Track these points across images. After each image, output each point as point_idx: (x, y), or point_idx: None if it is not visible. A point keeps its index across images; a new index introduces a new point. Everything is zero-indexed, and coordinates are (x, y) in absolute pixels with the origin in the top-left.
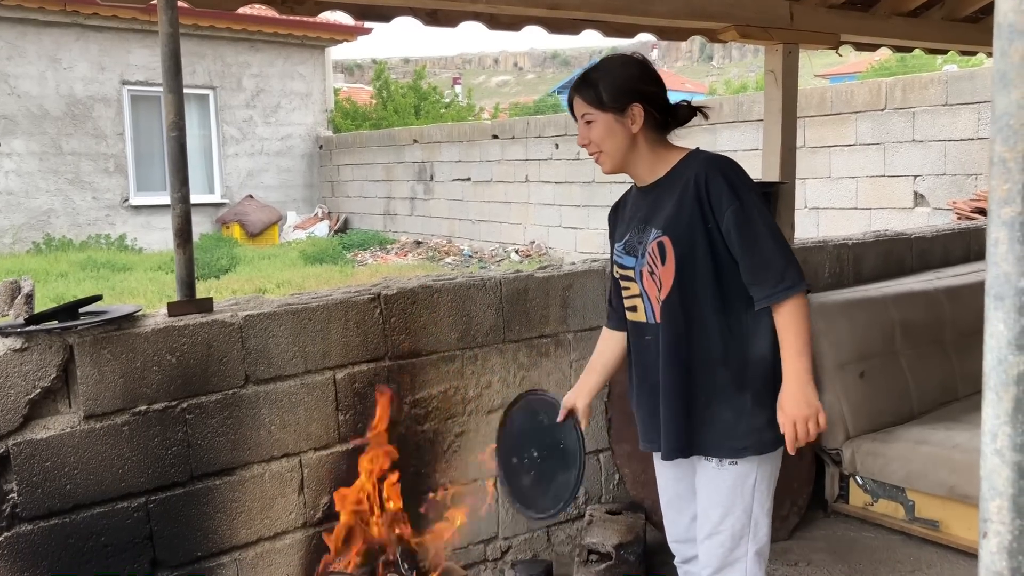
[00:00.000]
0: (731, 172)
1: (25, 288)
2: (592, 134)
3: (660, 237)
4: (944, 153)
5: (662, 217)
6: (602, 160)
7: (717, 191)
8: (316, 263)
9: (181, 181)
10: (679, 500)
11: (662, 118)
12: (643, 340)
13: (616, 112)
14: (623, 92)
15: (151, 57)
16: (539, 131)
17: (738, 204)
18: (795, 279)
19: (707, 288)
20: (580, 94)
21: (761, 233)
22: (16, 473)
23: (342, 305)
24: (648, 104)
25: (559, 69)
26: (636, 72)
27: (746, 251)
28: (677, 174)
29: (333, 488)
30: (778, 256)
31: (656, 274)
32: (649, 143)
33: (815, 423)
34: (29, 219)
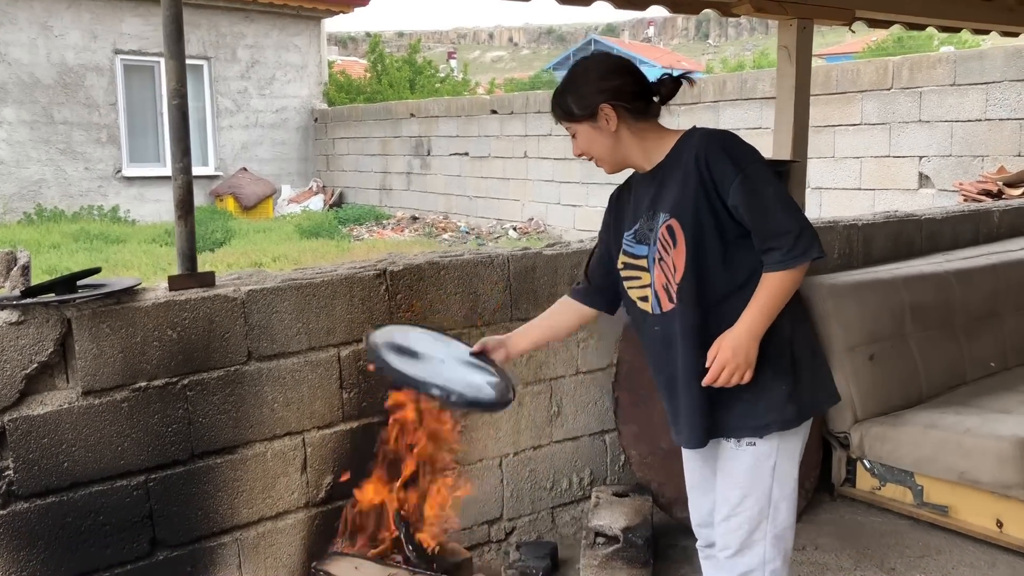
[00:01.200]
0: (731, 144)
1: (21, 260)
2: (580, 145)
3: (669, 221)
4: (951, 134)
5: (669, 199)
6: (601, 165)
7: (720, 166)
8: (312, 237)
9: (183, 151)
10: (704, 483)
11: (638, 105)
12: (652, 330)
13: (589, 119)
14: (587, 97)
15: (144, 26)
16: (539, 106)
17: (742, 175)
18: (807, 245)
19: (719, 267)
20: (555, 112)
21: (770, 200)
22: (12, 450)
23: (347, 281)
24: (616, 99)
25: (554, 45)
26: (595, 73)
27: (757, 220)
28: (676, 155)
29: (336, 467)
30: (790, 221)
31: (667, 260)
32: (634, 133)
33: (739, 376)
34: (20, 189)
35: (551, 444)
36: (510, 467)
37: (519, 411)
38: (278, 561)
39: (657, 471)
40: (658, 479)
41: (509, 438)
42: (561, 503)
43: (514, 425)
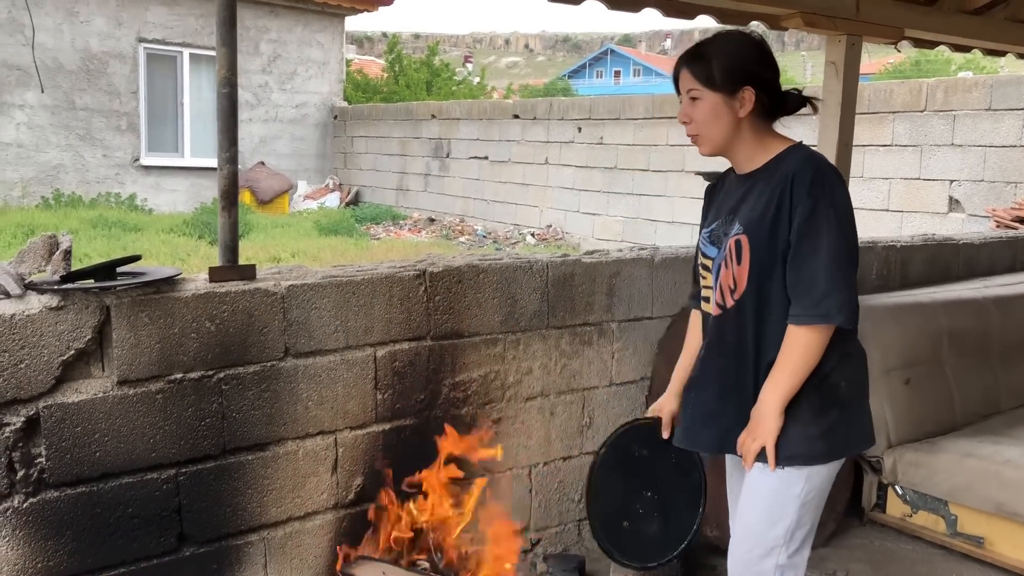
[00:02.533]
0: (820, 175)
1: (63, 244)
2: (696, 113)
3: (739, 235)
4: (984, 159)
5: (747, 213)
6: (700, 142)
7: (799, 191)
8: (330, 234)
9: (231, 141)
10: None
11: (771, 105)
12: (707, 329)
13: (726, 93)
14: (737, 73)
15: (169, 16)
16: (562, 113)
17: (810, 212)
18: (830, 309)
19: (779, 294)
20: (690, 68)
21: (820, 248)
22: (45, 437)
23: (387, 280)
24: (760, 89)
25: (570, 53)
26: (753, 53)
27: (797, 262)
28: (774, 167)
29: (367, 469)
30: (826, 278)
31: (730, 271)
32: (754, 130)
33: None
34: (38, 173)
35: (581, 455)
36: (539, 477)
37: (551, 420)
38: (304, 563)
39: None
40: None
41: (540, 448)
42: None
43: (545, 435)
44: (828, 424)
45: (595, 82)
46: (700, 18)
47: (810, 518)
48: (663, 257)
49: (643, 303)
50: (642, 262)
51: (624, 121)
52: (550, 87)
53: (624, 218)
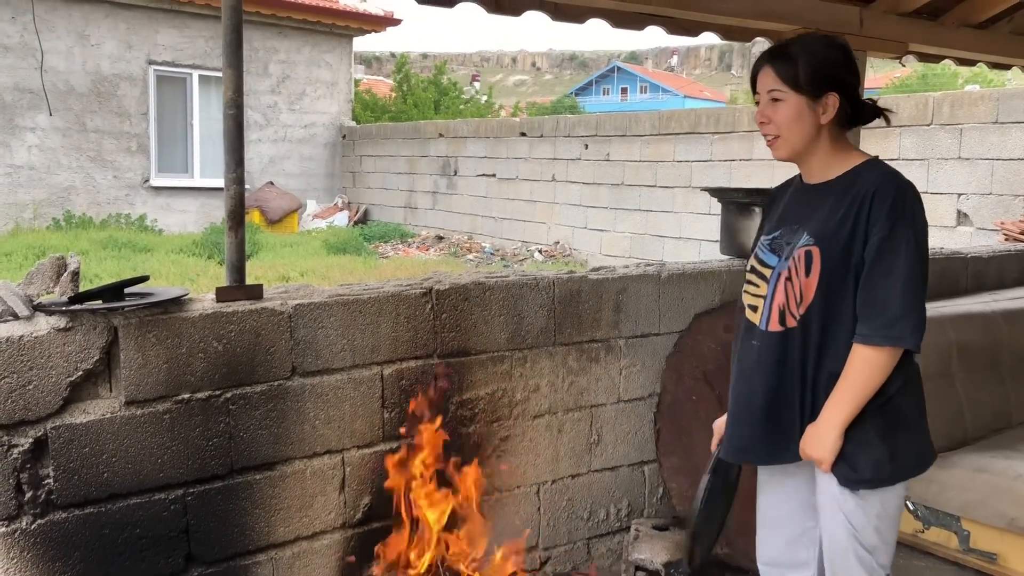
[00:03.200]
0: (902, 195)
1: (71, 265)
2: (777, 114)
3: (810, 246)
4: (991, 172)
5: (819, 224)
6: (778, 144)
7: (878, 210)
8: (339, 253)
9: (237, 161)
10: (779, 520)
11: (853, 114)
12: (750, 343)
13: (810, 96)
14: (823, 77)
15: (179, 38)
16: (568, 130)
17: (889, 232)
18: (903, 332)
19: (848, 311)
20: (774, 67)
21: (897, 269)
22: (53, 458)
23: (393, 298)
24: (844, 95)
25: (577, 71)
26: (840, 57)
27: (871, 281)
28: (849, 181)
29: (374, 488)
30: (901, 301)
31: (795, 283)
32: (832, 138)
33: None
34: (50, 195)
35: (590, 473)
36: (547, 495)
37: (558, 438)
38: None
39: None
40: None
41: (548, 466)
42: (598, 534)
43: (553, 452)
44: (895, 446)
45: (602, 99)
46: (704, 35)
47: (891, 533)
48: (669, 273)
49: (650, 319)
50: (648, 278)
51: (631, 138)
52: (557, 105)
53: (631, 234)
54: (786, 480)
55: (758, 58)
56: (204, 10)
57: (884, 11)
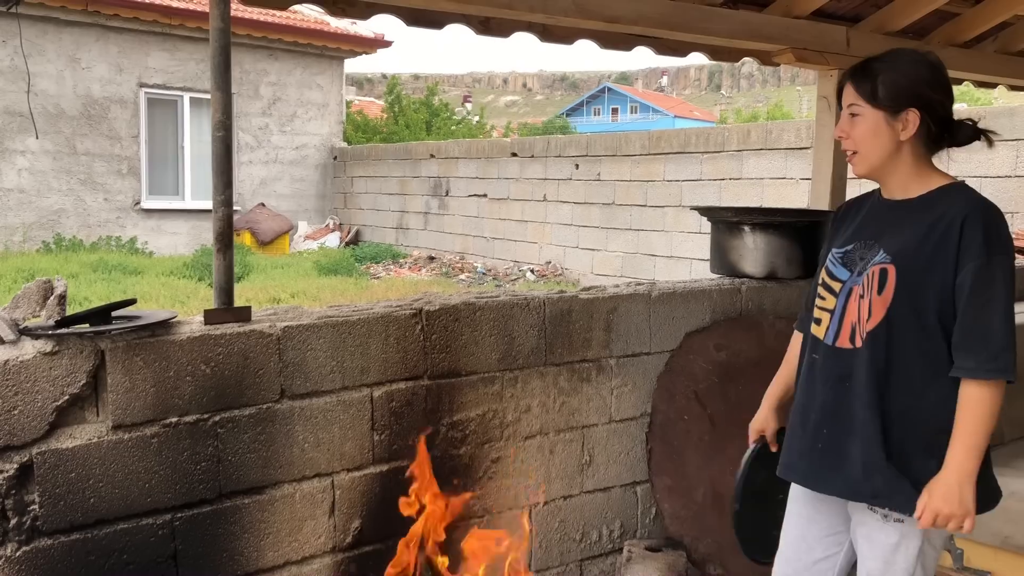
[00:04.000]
0: (994, 224)
1: (58, 289)
2: (854, 129)
3: (886, 264)
4: (980, 190)
5: (897, 242)
6: (856, 161)
7: (970, 238)
8: (330, 274)
9: (225, 183)
10: (802, 541)
11: (937, 132)
12: (812, 357)
13: (889, 112)
14: (903, 92)
15: (170, 60)
16: (559, 150)
17: (984, 260)
18: (1008, 365)
19: (919, 334)
20: (854, 83)
21: (996, 300)
22: (39, 484)
23: (383, 320)
24: (927, 112)
25: (567, 91)
26: (924, 74)
27: (970, 312)
28: (931, 202)
29: (364, 512)
30: (1003, 332)
31: (867, 299)
32: (914, 156)
33: (957, 524)
34: (40, 218)
35: (582, 494)
36: (539, 517)
37: (550, 459)
38: None
39: (691, 526)
40: (692, 534)
41: (539, 487)
42: (590, 556)
43: (545, 474)
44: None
45: (593, 119)
46: (693, 55)
47: (933, 569)
48: (660, 292)
49: (641, 339)
50: (639, 298)
51: (621, 157)
52: (548, 125)
53: (623, 253)
54: (818, 502)
55: (842, 73)
56: (195, 33)
57: (871, 31)
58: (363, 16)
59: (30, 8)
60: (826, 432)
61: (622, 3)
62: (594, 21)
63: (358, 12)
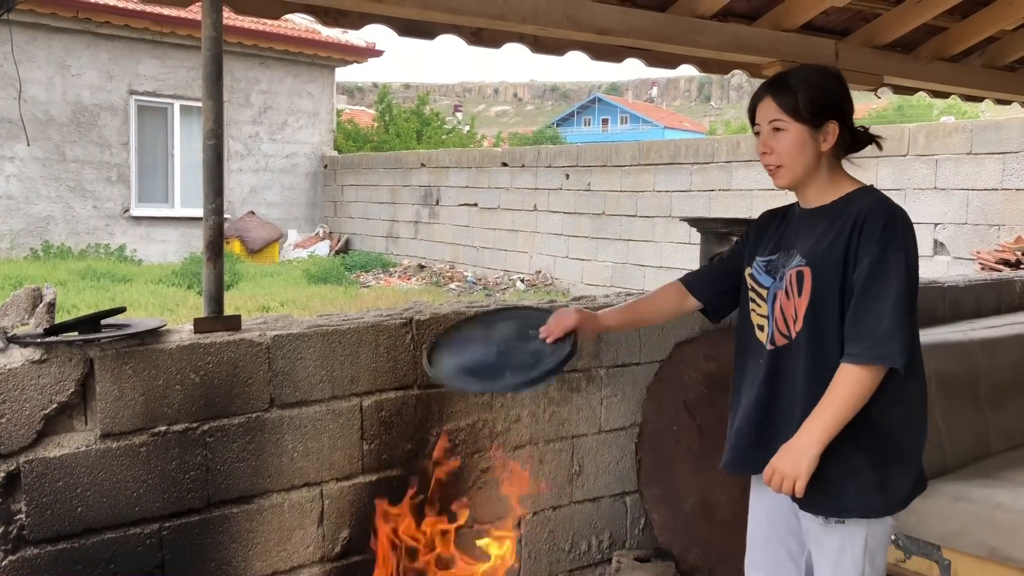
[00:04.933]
0: (893, 220)
1: (47, 296)
2: (779, 144)
3: (801, 267)
4: (967, 202)
5: (810, 246)
6: (780, 174)
7: (869, 233)
8: (320, 283)
9: (216, 192)
10: (766, 543)
11: (849, 141)
12: (756, 361)
13: (812, 126)
14: (824, 106)
15: (160, 68)
16: (550, 160)
17: (879, 255)
18: (892, 352)
19: (836, 330)
20: (775, 98)
21: (887, 293)
22: (26, 492)
23: (373, 329)
24: (843, 123)
25: (558, 102)
26: (838, 87)
27: (861, 303)
28: (843, 206)
29: (353, 522)
30: (890, 322)
31: (791, 302)
32: (830, 165)
33: (790, 485)
34: (28, 225)
35: (571, 504)
36: (529, 527)
37: (540, 469)
38: None
39: (680, 536)
40: (681, 544)
41: (529, 497)
42: (580, 566)
43: (534, 484)
44: (886, 479)
45: (583, 130)
46: (683, 67)
47: (882, 563)
48: None
49: (631, 348)
50: None
51: (611, 168)
52: (539, 135)
53: (612, 263)
54: (775, 501)
55: (758, 89)
56: (186, 41)
57: (859, 44)
58: (356, 26)
59: (19, 15)
60: (771, 425)
61: (613, 15)
62: (585, 33)
63: (350, 22)
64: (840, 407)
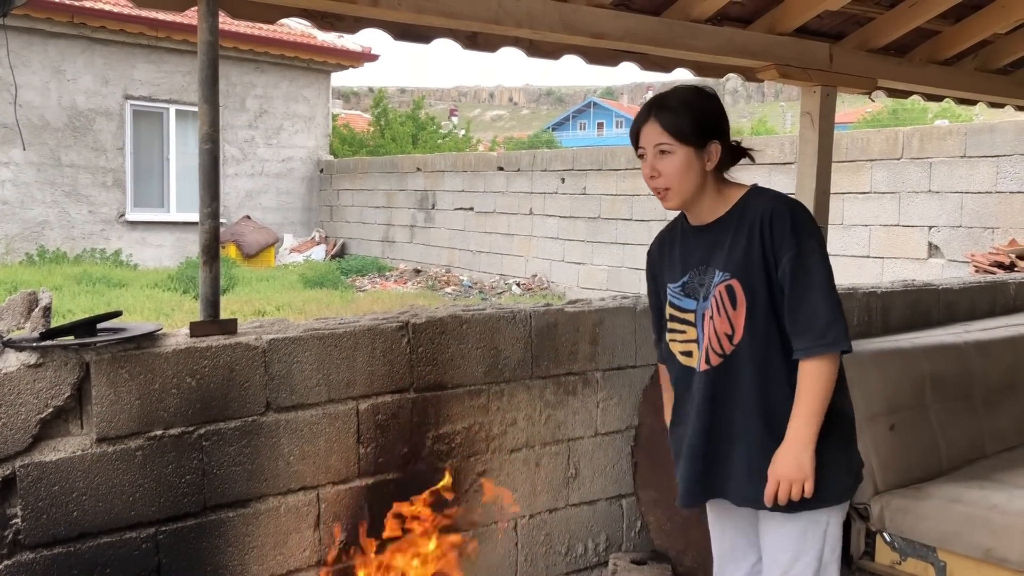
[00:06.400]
0: (797, 214)
1: (43, 300)
2: (666, 167)
3: (728, 280)
4: (961, 205)
5: (726, 259)
6: (669, 197)
7: (780, 232)
8: (315, 287)
9: (212, 196)
10: (735, 551)
11: (730, 157)
12: (688, 390)
13: (696, 147)
14: (706, 127)
15: (156, 73)
16: (545, 164)
17: (796, 249)
18: (837, 337)
19: (775, 333)
20: (660, 122)
21: (814, 283)
22: (21, 497)
23: (369, 332)
24: (723, 141)
25: (553, 106)
26: (715, 107)
27: (795, 300)
28: (738, 212)
29: (350, 525)
30: (826, 309)
31: (723, 319)
32: (715, 181)
33: (799, 489)
34: (23, 230)
35: (567, 507)
36: (525, 530)
37: (536, 472)
38: None
39: (676, 539)
40: (677, 547)
41: (525, 500)
42: (576, 569)
43: (531, 487)
44: (849, 456)
45: (579, 134)
46: (678, 71)
47: (839, 546)
48: (645, 305)
49: (627, 352)
50: (624, 311)
51: (607, 172)
52: (534, 139)
53: (608, 267)
54: (732, 514)
55: (638, 114)
56: (181, 45)
57: (853, 47)
58: (351, 30)
59: (15, 19)
60: (715, 449)
61: (608, 19)
62: (580, 37)
63: (346, 26)
64: (814, 401)
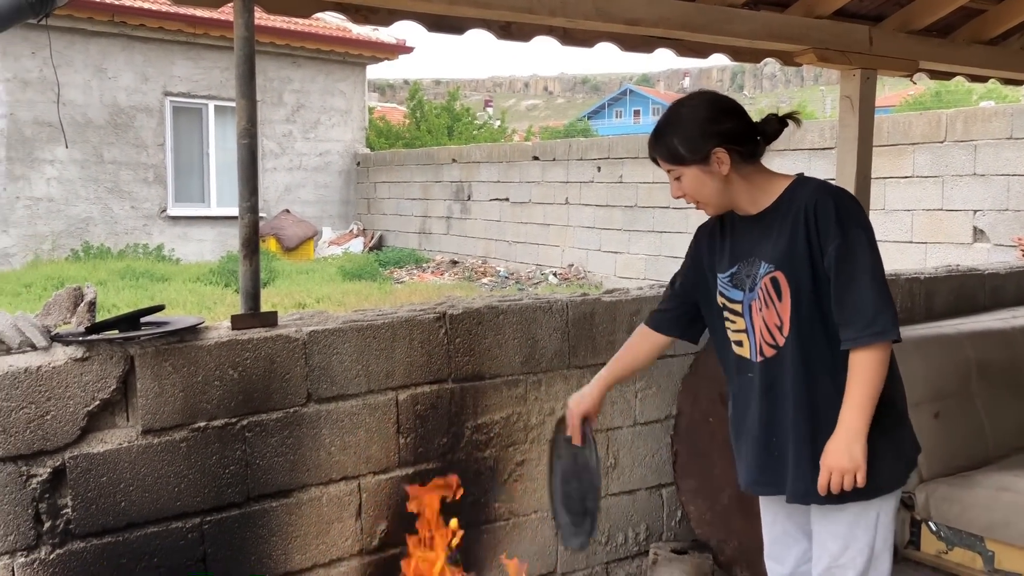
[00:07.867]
0: (843, 202)
1: (88, 295)
2: (685, 187)
3: (773, 272)
4: (1007, 188)
5: (773, 250)
6: (704, 208)
7: (825, 222)
8: (354, 279)
9: (251, 190)
10: (786, 537)
11: (748, 148)
12: (746, 376)
13: (700, 163)
14: (699, 141)
15: (194, 69)
16: (581, 153)
17: (842, 239)
18: (885, 326)
19: (824, 323)
20: (658, 153)
21: (861, 271)
22: (71, 488)
23: (407, 323)
24: (729, 143)
25: (589, 94)
26: (706, 114)
27: (841, 289)
28: (785, 203)
29: (391, 514)
30: (874, 298)
31: (771, 311)
32: (744, 177)
33: (851, 479)
34: (68, 226)
35: (607, 497)
36: None
37: None
38: None
39: (717, 528)
40: (718, 536)
41: None
42: (616, 558)
43: None
44: (898, 444)
45: (615, 122)
46: (714, 57)
47: (890, 536)
48: None
49: None
50: None
51: (643, 159)
52: (570, 128)
53: (646, 256)
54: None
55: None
56: (219, 42)
57: (894, 29)
58: (385, 23)
59: (57, 19)
60: (774, 441)
61: (642, 6)
62: (614, 24)
63: (380, 19)
64: (864, 390)
